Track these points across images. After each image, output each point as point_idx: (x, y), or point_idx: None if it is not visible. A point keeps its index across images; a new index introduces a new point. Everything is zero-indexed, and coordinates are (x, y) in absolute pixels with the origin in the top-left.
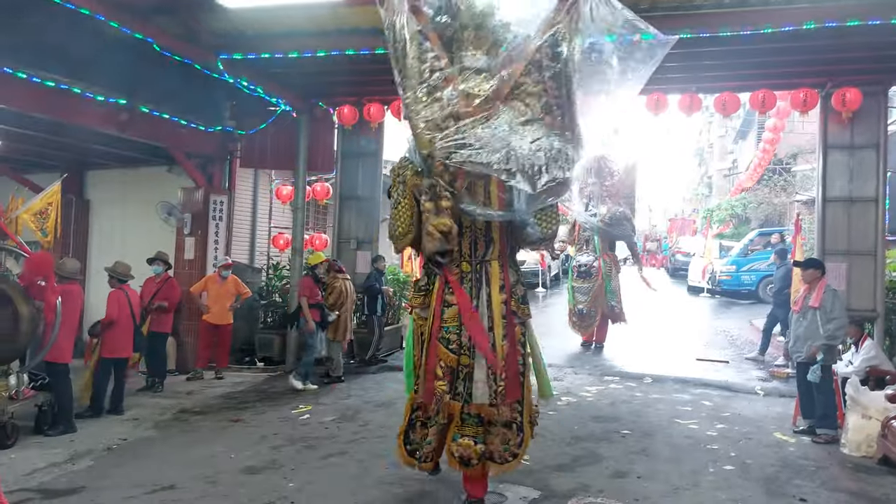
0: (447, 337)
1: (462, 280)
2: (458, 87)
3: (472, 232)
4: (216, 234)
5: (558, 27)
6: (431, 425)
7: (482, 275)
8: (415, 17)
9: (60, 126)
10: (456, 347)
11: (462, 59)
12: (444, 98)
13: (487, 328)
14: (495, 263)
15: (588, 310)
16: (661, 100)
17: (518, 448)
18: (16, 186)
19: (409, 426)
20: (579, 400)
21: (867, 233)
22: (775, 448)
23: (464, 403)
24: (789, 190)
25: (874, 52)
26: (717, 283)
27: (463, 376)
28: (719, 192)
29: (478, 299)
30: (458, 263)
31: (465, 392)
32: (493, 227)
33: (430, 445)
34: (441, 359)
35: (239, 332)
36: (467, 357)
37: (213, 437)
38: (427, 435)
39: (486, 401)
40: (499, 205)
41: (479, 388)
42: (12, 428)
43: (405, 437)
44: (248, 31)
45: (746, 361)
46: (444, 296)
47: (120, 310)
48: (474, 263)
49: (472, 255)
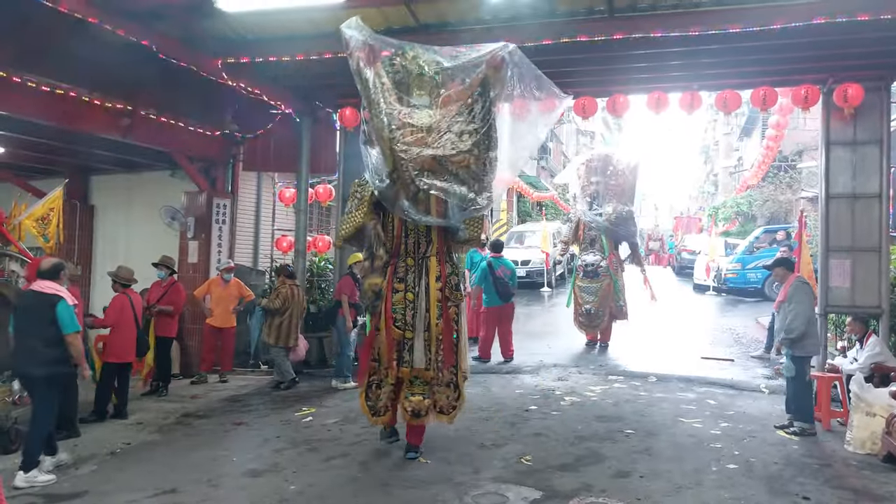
0: (394, 316)
1: (407, 272)
2: (405, 120)
3: (415, 234)
4: (219, 237)
5: (486, 79)
6: (383, 386)
7: (423, 268)
8: (370, 67)
9: (64, 132)
10: (402, 324)
11: (409, 99)
12: (398, 128)
13: (425, 310)
14: (433, 259)
15: (596, 309)
16: (662, 98)
17: (456, 402)
18: (19, 192)
19: (368, 387)
20: (583, 399)
21: (871, 229)
22: (779, 446)
23: (410, 368)
24: (795, 187)
25: (876, 48)
26: (723, 280)
27: (408, 347)
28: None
29: (419, 286)
30: (405, 259)
31: (411, 359)
32: (431, 230)
33: (381, 402)
34: (392, 334)
35: (243, 335)
36: (410, 332)
37: (216, 441)
38: (381, 395)
39: (423, 365)
40: (437, 214)
41: (416, 355)
42: (16, 433)
43: (366, 396)
44: (248, 36)
45: (752, 359)
46: (393, 284)
47: (123, 314)
48: (417, 259)
49: (416, 252)
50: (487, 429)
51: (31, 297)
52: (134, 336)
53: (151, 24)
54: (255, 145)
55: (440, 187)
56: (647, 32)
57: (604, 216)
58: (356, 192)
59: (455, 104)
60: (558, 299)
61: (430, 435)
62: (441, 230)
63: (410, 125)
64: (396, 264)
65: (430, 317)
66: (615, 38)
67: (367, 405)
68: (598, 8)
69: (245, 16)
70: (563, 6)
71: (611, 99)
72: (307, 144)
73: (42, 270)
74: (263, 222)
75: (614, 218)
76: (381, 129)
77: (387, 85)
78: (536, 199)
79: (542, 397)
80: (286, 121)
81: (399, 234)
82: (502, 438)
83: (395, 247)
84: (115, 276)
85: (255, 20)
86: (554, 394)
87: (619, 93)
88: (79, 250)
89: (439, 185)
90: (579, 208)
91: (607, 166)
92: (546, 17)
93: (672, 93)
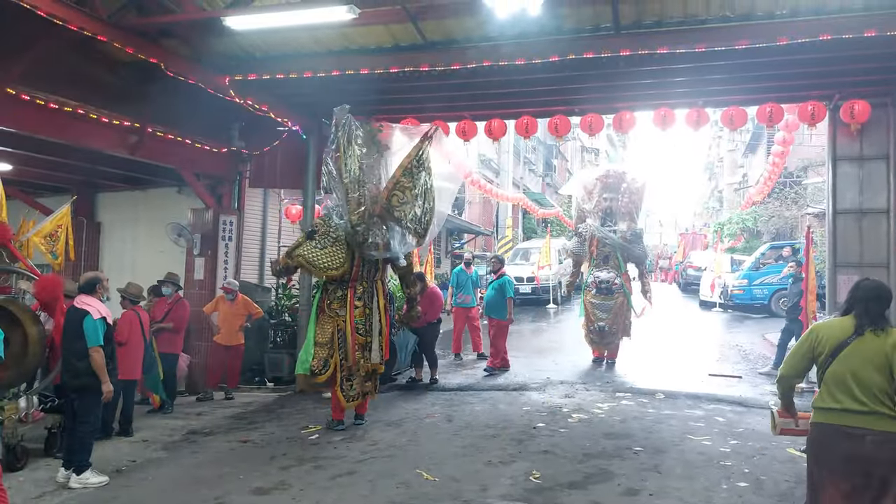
0: (357, 327)
1: (364, 293)
2: (364, 187)
3: (369, 264)
4: (226, 254)
5: (421, 149)
6: (353, 378)
7: (373, 290)
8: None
9: (71, 149)
10: (363, 332)
11: (370, 171)
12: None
13: (377, 320)
14: (380, 282)
15: (609, 327)
16: (668, 115)
17: (377, 385)
18: (26, 209)
19: (341, 382)
20: (591, 417)
21: (879, 245)
22: (790, 464)
23: (368, 363)
24: (800, 203)
25: (882, 64)
26: (730, 297)
27: (367, 348)
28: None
29: (372, 303)
30: (361, 283)
31: (369, 357)
32: (379, 261)
33: (354, 390)
34: (356, 339)
35: (249, 351)
36: (369, 337)
37: (222, 458)
38: (353, 384)
39: (379, 361)
40: (384, 249)
41: (374, 354)
42: (22, 450)
43: (340, 388)
44: (256, 53)
45: (760, 376)
46: (354, 302)
47: (131, 331)
48: (368, 283)
49: (368, 278)
50: (495, 446)
51: (70, 312)
52: (141, 353)
53: (160, 41)
54: (261, 162)
55: (382, 241)
56: (652, 49)
57: (618, 233)
58: (329, 233)
59: (399, 168)
60: (564, 316)
61: (438, 452)
62: (385, 261)
63: (362, 191)
64: (356, 287)
65: (380, 324)
66: (621, 54)
67: (342, 395)
68: (604, 25)
69: (253, 34)
70: (569, 23)
71: (617, 116)
72: (314, 161)
73: (80, 285)
74: (270, 239)
75: (629, 235)
76: (344, 207)
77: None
78: (542, 216)
79: (549, 414)
80: (293, 138)
81: (358, 264)
82: (510, 456)
83: (354, 274)
84: (123, 293)
85: (262, 38)
86: (561, 411)
87: (625, 109)
88: (85, 267)
89: (380, 240)
90: (591, 223)
91: (621, 183)
92: (553, 34)
93: (678, 109)
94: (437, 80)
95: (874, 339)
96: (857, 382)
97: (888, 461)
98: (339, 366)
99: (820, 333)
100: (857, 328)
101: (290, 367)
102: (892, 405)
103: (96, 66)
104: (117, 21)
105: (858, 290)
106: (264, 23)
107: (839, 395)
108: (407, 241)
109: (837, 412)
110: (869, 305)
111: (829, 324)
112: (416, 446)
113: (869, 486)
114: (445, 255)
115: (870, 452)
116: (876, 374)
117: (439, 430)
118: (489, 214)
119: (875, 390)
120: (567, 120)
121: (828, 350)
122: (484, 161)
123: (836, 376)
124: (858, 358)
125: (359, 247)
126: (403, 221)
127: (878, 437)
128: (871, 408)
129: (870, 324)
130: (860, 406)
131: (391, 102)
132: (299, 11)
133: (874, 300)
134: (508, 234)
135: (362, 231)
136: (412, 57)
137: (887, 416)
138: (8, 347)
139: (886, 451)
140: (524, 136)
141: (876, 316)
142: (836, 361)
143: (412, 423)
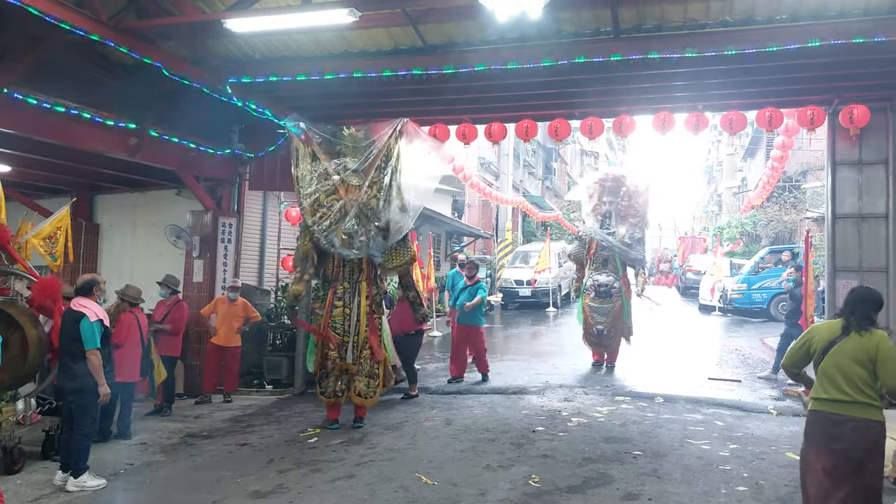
0: (335, 326)
1: (345, 293)
2: (336, 178)
3: (350, 264)
4: (225, 256)
5: (390, 144)
6: (329, 376)
7: (355, 290)
8: (305, 146)
9: (70, 151)
10: (341, 331)
11: (345, 163)
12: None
13: (356, 321)
14: (363, 283)
15: (608, 330)
16: (668, 119)
17: (376, 390)
18: (25, 211)
19: (320, 379)
20: (590, 421)
21: (878, 249)
22: (789, 468)
23: (343, 363)
24: (799, 207)
25: (881, 69)
26: (729, 301)
27: (346, 348)
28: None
29: (353, 304)
30: (342, 283)
31: (345, 356)
32: (362, 261)
33: (329, 387)
34: (333, 339)
35: (247, 354)
36: (347, 337)
37: (220, 462)
38: (329, 382)
39: (351, 362)
40: (344, 246)
41: (347, 355)
42: (19, 453)
43: (318, 385)
44: (256, 56)
45: (759, 380)
46: (334, 301)
47: (129, 334)
48: (351, 283)
49: (350, 278)
50: (493, 450)
51: (66, 314)
52: (139, 356)
53: (160, 43)
54: (261, 164)
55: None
56: (652, 53)
57: (617, 237)
58: (304, 232)
59: (372, 168)
60: (563, 319)
61: (437, 456)
62: (368, 261)
63: (345, 182)
64: (336, 287)
65: (360, 325)
66: (621, 58)
67: (319, 390)
68: (603, 29)
69: (253, 36)
70: (569, 27)
71: (617, 119)
72: None
73: (77, 288)
74: (269, 241)
75: (628, 238)
76: (305, 216)
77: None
78: (541, 220)
79: (548, 418)
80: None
81: (338, 265)
82: (509, 460)
83: (335, 274)
84: (122, 295)
85: (262, 41)
86: (560, 415)
87: (625, 113)
88: (83, 269)
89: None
90: (589, 226)
91: (620, 187)
92: (552, 38)
93: (678, 113)
94: (437, 83)
95: (859, 338)
96: (842, 376)
97: (864, 446)
98: (321, 364)
99: (814, 334)
100: (845, 328)
101: (288, 369)
102: (873, 394)
103: (96, 69)
104: (117, 23)
105: (850, 295)
106: (264, 25)
107: (828, 387)
108: (376, 241)
109: (826, 402)
110: (856, 307)
111: (823, 325)
112: (415, 450)
113: (846, 465)
114: (445, 259)
115: (849, 437)
116: (859, 368)
117: (438, 433)
118: (489, 217)
119: (858, 382)
120: (567, 123)
121: (820, 348)
122: (484, 164)
123: (826, 371)
124: (844, 355)
125: (325, 250)
126: (372, 220)
127: (858, 424)
128: (853, 398)
129: (856, 324)
130: (845, 396)
131: (391, 106)
132: (300, 14)
133: (860, 302)
134: (508, 238)
135: (322, 236)
136: (412, 60)
137: (868, 404)
138: (6, 350)
139: (864, 435)
140: (524, 140)
141: (861, 317)
142: (827, 358)
143: (411, 426)
